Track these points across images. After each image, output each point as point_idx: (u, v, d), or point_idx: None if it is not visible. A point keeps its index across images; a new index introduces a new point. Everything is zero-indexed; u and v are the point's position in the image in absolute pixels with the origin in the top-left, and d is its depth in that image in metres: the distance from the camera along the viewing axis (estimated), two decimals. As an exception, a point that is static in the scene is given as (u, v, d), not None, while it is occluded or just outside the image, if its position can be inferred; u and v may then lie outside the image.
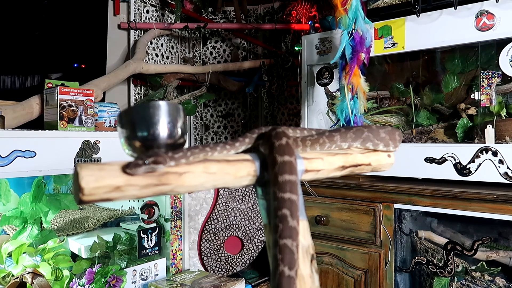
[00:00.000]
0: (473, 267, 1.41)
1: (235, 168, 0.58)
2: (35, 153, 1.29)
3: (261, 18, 2.62)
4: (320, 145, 0.67)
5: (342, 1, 1.42)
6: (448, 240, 1.45)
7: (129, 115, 0.56)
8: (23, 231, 1.56)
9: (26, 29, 2.26)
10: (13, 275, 1.35)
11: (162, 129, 0.55)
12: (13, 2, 2.16)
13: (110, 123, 1.73)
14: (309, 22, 2.02)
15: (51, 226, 1.64)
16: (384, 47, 1.60)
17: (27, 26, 2.26)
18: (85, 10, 2.38)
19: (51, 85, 1.60)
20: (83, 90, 1.57)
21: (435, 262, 1.45)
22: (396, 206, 1.50)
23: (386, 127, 0.72)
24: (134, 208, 1.87)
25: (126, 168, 0.49)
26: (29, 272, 1.04)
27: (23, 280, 1.05)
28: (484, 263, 1.40)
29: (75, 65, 2.52)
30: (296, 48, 2.27)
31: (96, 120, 1.68)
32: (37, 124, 1.62)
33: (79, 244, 1.59)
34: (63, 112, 1.50)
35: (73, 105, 1.52)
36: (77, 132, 1.45)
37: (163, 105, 0.55)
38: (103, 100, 2.03)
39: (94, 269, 1.41)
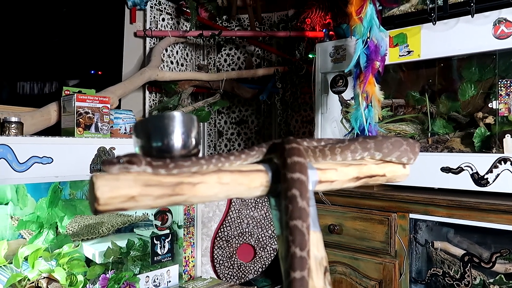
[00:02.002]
0: (491, 280, 1.38)
1: (248, 179, 0.58)
2: (52, 159, 1.31)
3: (275, 26, 2.63)
4: (352, 151, 0.65)
5: (357, 9, 1.42)
6: (465, 251, 1.42)
7: (144, 125, 0.56)
8: (39, 235, 1.58)
9: (45, 36, 2.32)
10: (28, 279, 1.37)
11: (177, 140, 0.55)
12: (33, 10, 2.22)
13: (126, 130, 1.75)
14: (324, 30, 2.02)
15: (67, 231, 1.66)
16: (400, 55, 1.59)
17: (46, 33, 2.31)
18: (102, 18, 2.43)
19: (68, 92, 1.63)
20: (100, 97, 1.59)
21: (452, 274, 1.43)
22: (412, 216, 1.48)
23: (416, 142, 0.70)
24: (147, 214, 1.88)
25: (102, 164, 0.51)
26: (44, 277, 1.06)
27: (39, 285, 1.07)
28: (502, 276, 1.37)
29: (92, 72, 2.56)
30: (310, 56, 2.27)
31: (112, 127, 1.70)
32: (54, 130, 1.65)
33: (94, 250, 1.61)
34: (80, 119, 1.53)
35: (90, 112, 1.54)
36: (93, 139, 1.47)
37: (177, 116, 0.55)
38: (118, 106, 2.06)
39: (107, 275, 1.43)
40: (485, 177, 1.39)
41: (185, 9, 2.50)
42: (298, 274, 0.51)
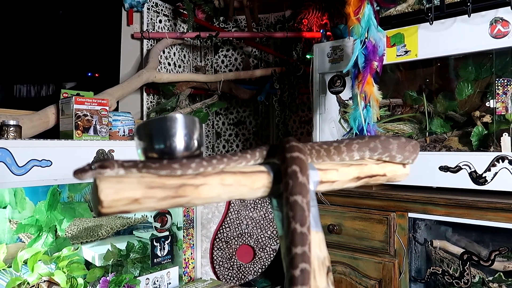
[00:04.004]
0: (490, 278, 1.39)
1: (251, 180, 0.58)
2: (51, 162, 1.31)
3: (272, 27, 2.64)
4: (371, 150, 0.65)
5: (355, 10, 1.42)
6: (464, 250, 1.43)
7: (146, 127, 0.56)
8: (38, 239, 1.57)
9: (42, 39, 2.31)
10: (28, 283, 1.36)
11: (179, 142, 0.55)
12: (30, 13, 2.21)
13: (124, 132, 1.75)
14: (321, 31, 2.03)
15: (66, 234, 1.66)
16: (397, 55, 1.60)
17: (43, 36, 2.30)
18: (99, 20, 2.42)
19: (66, 95, 1.63)
20: (98, 99, 1.59)
21: (451, 273, 1.43)
22: (410, 215, 1.48)
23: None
24: (147, 216, 1.88)
25: (74, 174, 0.50)
26: (45, 281, 1.05)
27: (39, 288, 1.06)
28: (501, 273, 1.38)
29: (89, 74, 2.56)
30: (308, 56, 2.28)
31: (111, 129, 1.70)
32: (53, 133, 1.65)
33: (93, 252, 1.61)
34: (78, 122, 1.53)
35: (88, 114, 1.54)
36: (92, 141, 1.47)
37: (180, 118, 0.55)
38: (116, 109, 2.05)
39: (108, 278, 1.42)
40: (483, 175, 1.40)
41: (182, 10, 2.50)
42: (299, 250, 0.51)
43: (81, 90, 1.69)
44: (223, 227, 1.84)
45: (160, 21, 2.44)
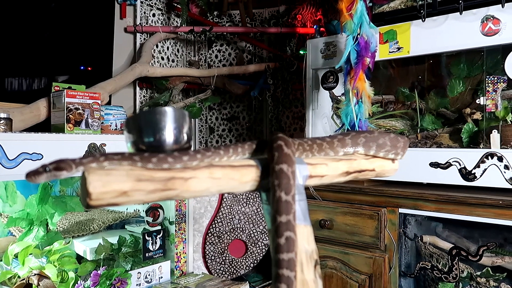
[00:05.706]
0: (478, 273, 1.41)
1: (240, 174, 0.58)
2: (42, 155, 1.30)
3: (267, 22, 2.63)
4: (379, 146, 0.65)
5: (348, 6, 1.42)
6: (453, 245, 1.45)
7: (136, 120, 0.56)
8: (29, 232, 1.57)
9: (33, 32, 2.29)
10: (19, 277, 1.36)
11: (168, 135, 0.55)
12: (21, 5, 2.19)
13: (116, 126, 1.74)
14: (315, 26, 2.03)
15: (57, 228, 1.65)
16: (389, 52, 1.61)
17: (34, 28, 2.28)
18: (92, 13, 2.40)
19: (58, 88, 1.62)
20: (90, 93, 1.58)
21: (440, 267, 1.45)
22: (401, 210, 1.50)
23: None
24: (139, 210, 1.88)
25: (26, 177, 0.47)
26: (35, 274, 1.05)
27: (29, 281, 1.06)
28: (489, 268, 1.40)
29: (82, 67, 2.54)
30: (301, 52, 2.28)
31: (102, 123, 1.69)
32: (44, 126, 1.64)
33: (85, 246, 1.61)
34: (70, 115, 1.52)
35: (80, 108, 1.53)
36: (84, 135, 1.46)
37: (169, 111, 0.55)
38: (109, 103, 2.04)
39: (99, 271, 1.42)
40: (473, 172, 1.41)
41: (175, 4, 2.48)
42: (284, 218, 0.51)
43: (73, 83, 1.67)
44: (216, 221, 1.85)
45: (154, 15, 2.42)
